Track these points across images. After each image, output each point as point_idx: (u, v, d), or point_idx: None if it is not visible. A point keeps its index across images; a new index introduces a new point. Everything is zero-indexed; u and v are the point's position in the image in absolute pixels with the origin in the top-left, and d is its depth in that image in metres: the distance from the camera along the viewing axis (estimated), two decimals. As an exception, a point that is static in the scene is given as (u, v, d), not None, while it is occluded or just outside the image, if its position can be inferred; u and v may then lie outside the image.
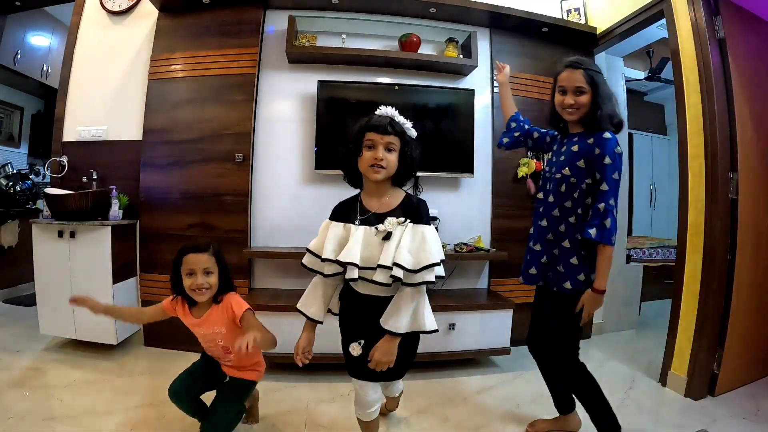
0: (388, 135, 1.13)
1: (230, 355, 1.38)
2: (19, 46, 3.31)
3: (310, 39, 2.44)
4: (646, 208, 4.34)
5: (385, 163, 1.13)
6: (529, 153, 2.60)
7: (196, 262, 1.30)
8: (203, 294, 1.31)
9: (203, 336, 1.39)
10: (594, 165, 1.32)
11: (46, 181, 2.94)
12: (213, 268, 1.32)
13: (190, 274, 1.30)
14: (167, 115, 2.36)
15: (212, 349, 1.41)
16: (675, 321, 2.02)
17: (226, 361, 1.42)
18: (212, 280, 1.32)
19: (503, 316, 2.21)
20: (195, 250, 1.32)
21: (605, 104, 1.34)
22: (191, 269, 1.30)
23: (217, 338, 1.36)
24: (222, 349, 1.38)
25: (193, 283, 1.30)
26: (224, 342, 1.36)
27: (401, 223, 1.12)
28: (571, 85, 1.36)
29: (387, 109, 1.19)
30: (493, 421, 1.71)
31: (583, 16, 2.72)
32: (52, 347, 2.25)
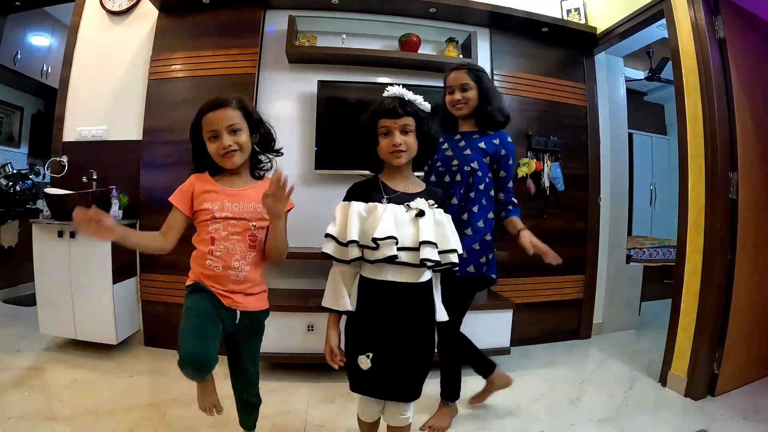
0: (401, 117, 1.09)
1: (254, 253, 1.12)
2: (19, 46, 3.32)
3: (310, 39, 2.44)
4: (646, 208, 4.34)
5: (404, 147, 1.09)
6: (529, 153, 2.60)
7: (217, 120, 1.06)
8: (232, 157, 1.08)
9: (228, 219, 1.08)
10: (499, 163, 1.53)
11: (46, 181, 2.94)
12: (241, 125, 1.09)
13: (213, 137, 1.07)
14: (167, 115, 2.35)
15: (230, 247, 1.08)
16: (675, 321, 2.03)
17: (240, 274, 1.10)
18: (242, 139, 1.09)
19: (503, 316, 2.21)
20: (214, 107, 1.08)
21: (493, 99, 1.51)
22: (214, 130, 1.07)
23: (251, 222, 1.10)
24: (248, 242, 1.10)
25: (219, 148, 1.07)
26: (256, 230, 1.11)
27: (431, 205, 1.10)
28: (457, 83, 1.50)
29: (395, 88, 1.13)
30: (493, 421, 1.70)
31: (583, 16, 2.72)
32: (52, 347, 2.25)
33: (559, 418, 1.74)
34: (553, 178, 2.60)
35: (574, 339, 2.72)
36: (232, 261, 1.09)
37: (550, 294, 2.66)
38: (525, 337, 2.55)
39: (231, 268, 1.09)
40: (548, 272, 2.65)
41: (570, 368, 2.28)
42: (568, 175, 2.64)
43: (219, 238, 1.08)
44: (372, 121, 1.12)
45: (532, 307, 2.59)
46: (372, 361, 1.05)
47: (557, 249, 2.92)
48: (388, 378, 1.06)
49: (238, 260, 1.09)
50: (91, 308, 2.14)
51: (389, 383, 1.06)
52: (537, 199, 2.61)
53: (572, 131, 2.71)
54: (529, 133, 2.60)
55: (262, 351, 2.00)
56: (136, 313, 2.37)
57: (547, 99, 2.67)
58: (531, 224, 2.60)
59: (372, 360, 1.05)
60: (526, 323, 2.54)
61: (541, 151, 2.61)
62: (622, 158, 2.95)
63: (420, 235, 1.04)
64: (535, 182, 2.57)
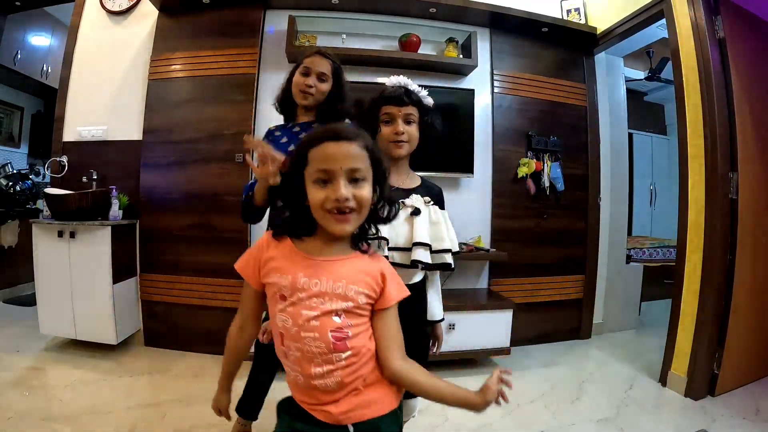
0: (406, 106, 1.04)
1: (345, 354, 0.70)
2: (19, 46, 3.31)
3: (310, 39, 2.44)
4: (646, 208, 4.34)
5: (406, 137, 1.04)
6: (529, 153, 2.60)
7: (337, 158, 0.70)
8: (347, 220, 0.70)
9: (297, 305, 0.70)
10: None
11: (46, 181, 2.94)
12: (366, 173, 0.72)
13: (323, 181, 0.70)
14: (167, 115, 2.36)
15: (304, 349, 0.70)
16: (675, 321, 2.03)
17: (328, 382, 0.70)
18: (363, 193, 0.71)
19: (503, 316, 2.20)
20: (335, 137, 0.71)
21: (345, 97, 1.39)
22: (328, 171, 0.69)
23: (340, 308, 0.71)
24: (333, 339, 0.69)
25: (328, 199, 0.69)
26: (346, 322, 0.71)
27: (427, 203, 1.04)
28: (316, 68, 1.35)
29: (399, 78, 1.08)
30: (493, 421, 1.70)
31: (583, 16, 2.72)
32: (52, 347, 2.25)
33: (559, 418, 1.74)
34: (553, 178, 2.60)
35: (574, 339, 2.72)
36: (312, 368, 0.70)
37: (550, 294, 2.66)
38: (525, 337, 2.55)
39: (313, 377, 0.70)
40: (548, 272, 2.67)
41: (570, 368, 2.28)
42: (568, 175, 2.64)
43: (288, 336, 0.71)
44: (375, 108, 1.06)
45: (532, 307, 2.59)
46: None
47: (557, 249, 2.95)
48: None
49: (320, 365, 0.70)
50: (91, 308, 2.14)
51: None
52: (537, 199, 2.61)
53: (572, 131, 2.71)
54: (529, 133, 2.60)
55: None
56: (136, 313, 2.37)
57: (547, 99, 2.67)
58: (531, 224, 2.65)
59: None
60: (526, 323, 2.54)
61: (541, 151, 2.61)
62: (622, 158, 2.95)
63: (414, 236, 0.99)
64: (535, 182, 2.57)
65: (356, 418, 0.72)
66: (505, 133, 2.58)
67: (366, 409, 0.72)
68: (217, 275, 2.25)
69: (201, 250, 2.30)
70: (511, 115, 2.61)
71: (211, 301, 2.28)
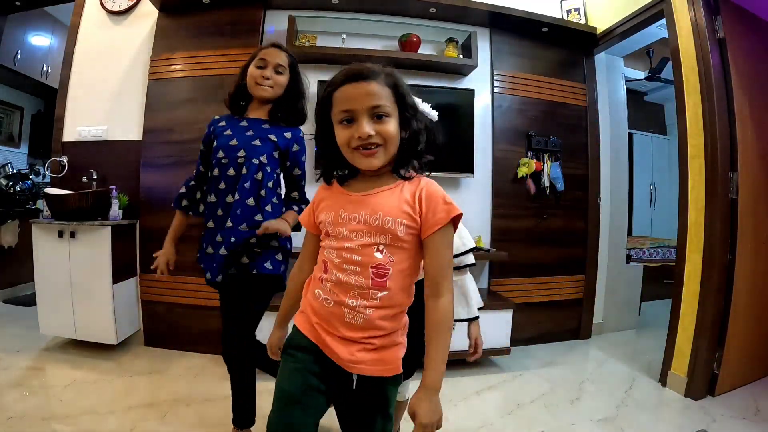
0: None
1: (382, 293, 0.73)
2: (19, 46, 3.31)
3: (310, 39, 2.44)
4: (646, 208, 4.34)
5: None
6: (529, 153, 2.60)
7: (357, 97, 0.72)
8: (372, 154, 0.73)
9: (342, 239, 0.75)
10: (291, 159, 1.37)
11: (46, 181, 2.94)
12: (390, 109, 0.74)
13: (347, 120, 0.74)
14: (167, 115, 2.35)
15: (344, 280, 0.74)
16: (675, 321, 2.03)
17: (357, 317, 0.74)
18: (389, 129, 0.73)
19: (503, 316, 2.21)
20: (354, 78, 0.73)
21: (298, 96, 1.38)
22: (348, 111, 0.73)
23: (380, 242, 0.73)
24: (372, 276, 0.72)
25: (352, 137, 0.73)
26: (388, 257, 0.73)
27: None
28: (274, 60, 1.32)
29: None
30: (493, 421, 1.70)
31: (583, 16, 2.72)
32: (52, 347, 2.25)
33: (559, 418, 1.74)
34: (553, 178, 2.60)
35: (574, 339, 2.72)
36: (347, 298, 0.74)
37: (550, 294, 2.66)
38: (525, 337, 2.55)
39: (345, 305, 0.74)
40: (548, 272, 2.67)
41: (570, 368, 2.28)
42: (568, 175, 2.64)
43: (332, 266, 0.75)
44: None
45: (532, 307, 2.59)
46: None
47: (557, 249, 2.95)
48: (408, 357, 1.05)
49: (356, 298, 0.73)
50: (91, 308, 2.14)
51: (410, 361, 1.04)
52: (537, 199, 2.61)
53: (572, 131, 2.71)
54: (529, 133, 2.60)
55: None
56: (136, 313, 2.37)
57: (547, 99, 2.67)
58: (531, 224, 2.65)
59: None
60: (526, 323, 2.54)
61: (541, 151, 2.61)
62: (622, 158, 2.95)
63: None
64: (535, 182, 2.57)
65: (363, 371, 0.75)
66: (505, 133, 2.59)
67: (373, 367, 0.75)
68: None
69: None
70: (511, 115, 2.61)
71: (211, 301, 2.27)
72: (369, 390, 0.77)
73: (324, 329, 0.77)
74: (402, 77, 0.78)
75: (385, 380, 0.77)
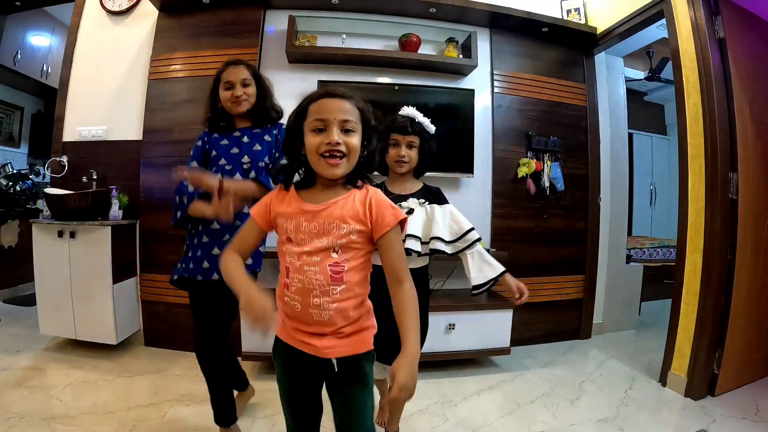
0: (409, 135, 1.32)
1: (340, 287, 0.84)
2: (19, 46, 3.31)
3: (310, 39, 2.44)
4: (646, 208, 4.34)
5: (407, 159, 1.33)
6: (529, 153, 2.60)
7: (331, 110, 0.83)
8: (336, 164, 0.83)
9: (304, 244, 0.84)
10: (278, 148, 1.45)
11: (46, 181, 2.94)
12: (356, 126, 0.85)
13: (319, 129, 0.83)
14: (167, 115, 2.36)
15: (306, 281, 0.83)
16: (675, 321, 2.03)
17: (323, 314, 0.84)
18: (353, 142, 0.84)
19: (503, 316, 2.21)
20: (332, 95, 0.85)
21: (268, 96, 1.50)
22: (323, 120, 0.83)
23: (336, 245, 0.83)
24: (330, 274, 0.83)
25: (321, 144, 0.82)
26: (342, 256, 0.84)
27: (422, 204, 1.33)
28: (238, 78, 1.43)
29: (409, 109, 1.35)
30: (493, 421, 1.70)
31: (583, 16, 2.72)
32: (52, 347, 2.25)
33: (559, 418, 1.74)
34: (553, 178, 2.60)
35: (574, 339, 2.73)
36: (311, 298, 0.83)
37: (550, 294, 2.66)
38: (525, 337, 2.55)
39: (311, 306, 0.84)
40: (548, 272, 2.67)
41: (570, 368, 2.28)
42: (568, 175, 2.64)
43: (293, 269, 0.85)
44: (385, 133, 1.30)
45: (532, 307, 2.59)
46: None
47: (557, 249, 2.95)
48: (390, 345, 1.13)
49: (318, 296, 0.83)
50: (91, 308, 2.14)
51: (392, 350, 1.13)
52: (537, 199, 2.61)
53: (572, 131, 2.71)
54: (529, 133, 2.60)
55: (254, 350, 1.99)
56: (136, 313, 2.37)
57: (547, 99, 2.67)
58: (531, 224, 2.65)
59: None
60: (526, 323, 2.54)
61: (541, 151, 2.61)
62: (622, 158, 2.95)
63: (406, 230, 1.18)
64: (535, 182, 2.57)
65: (338, 353, 0.87)
66: (505, 133, 2.59)
67: (347, 348, 0.87)
68: (217, 275, 2.25)
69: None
70: (511, 115, 2.61)
71: (211, 301, 2.27)
72: (348, 368, 0.88)
73: (298, 330, 0.87)
74: (370, 107, 0.90)
75: (360, 357, 0.89)
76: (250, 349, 1.96)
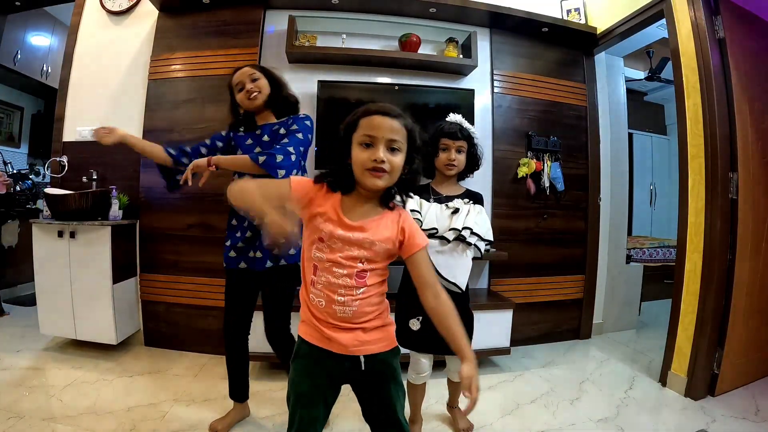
0: (459, 140, 1.44)
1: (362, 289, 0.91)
2: (19, 46, 3.31)
3: (310, 39, 2.44)
4: (646, 208, 4.34)
5: (456, 163, 1.45)
6: (529, 153, 2.60)
7: (380, 127, 0.87)
8: (379, 177, 0.87)
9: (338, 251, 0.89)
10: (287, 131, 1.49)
11: (46, 181, 2.94)
12: (402, 145, 0.90)
13: (367, 144, 0.87)
14: (167, 115, 2.36)
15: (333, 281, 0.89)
16: (675, 321, 2.03)
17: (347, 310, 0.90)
18: (397, 161, 0.89)
19: (503, 316, 2.20)
20: (383, 113, 0.89)
21: (282, 87, 1.54)
22: (372, 136, 0.87)
23: (365, 257, 0.90)
24: (357, 277, 0.90)
25: (369, 159, 0.86)
26: (368, 265, 0.91)
27: (466, 203, 1.45)
28: (245, 76, 1.48)
29: (456, 116, 1.49)
30: (493, 421, 1.70)
31: (583, 16, 2.72)
32: (52, 347, 2.25)
33: (559, 418, 1.74)
34: (553, 178, 2.60)
35: (574, 339, 2.73)
36: (336, 296, 0.90)
37: (550, 294, 2.66)
38: (525, 337, 2.55)
39: (335, 303, 0.90)
40: (548, 272, 2.67)
41: (570, 368, 2.28)
42: (568, 175, 2.64)
43: (321, 268, 0.91)
44: (435, 138, 1.45)
45: (532, 307, 2.59)
46: (421, 323, 1.38)
47: (557, 249, 2.95)
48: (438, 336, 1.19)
49: (342, 295, 0.90)
50: (91, 308, 2.14)
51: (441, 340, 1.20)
52: (537, 199, 2.61)
53: (572, 131, 2.71)
54: (529, 133, 2.60)
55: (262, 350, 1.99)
56: (136, 313, 2.37)
57: (547, 99, 2.67)
58: (531, 224, 2.65)
59: (421, 322, 1.38)
60: (526, 323, 2.54)
61: (541, 151, 2.61)
62: (622, 158, 2.95)
63: (451, 224, 1.40)
64: (535, 182, 2.57)
65: (366, 351, 0.92)
66: (505, 133, 2.59)
67: (372, 345, 0.93)
68: (217, 275, 2.25)
69: (201, 250, 2.30)
70: (511, 115, 2.61)
71: (211, 301, 2.28)
72: (376, 365, 0.94)
73: (327, 327, 0.91)
74: (417, 128, 0.94)
75: (387, 354, 0.95)
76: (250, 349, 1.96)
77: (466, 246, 1.42)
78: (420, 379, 1.51)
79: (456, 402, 1.65)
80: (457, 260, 1.42)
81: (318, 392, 0.94)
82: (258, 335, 1.58)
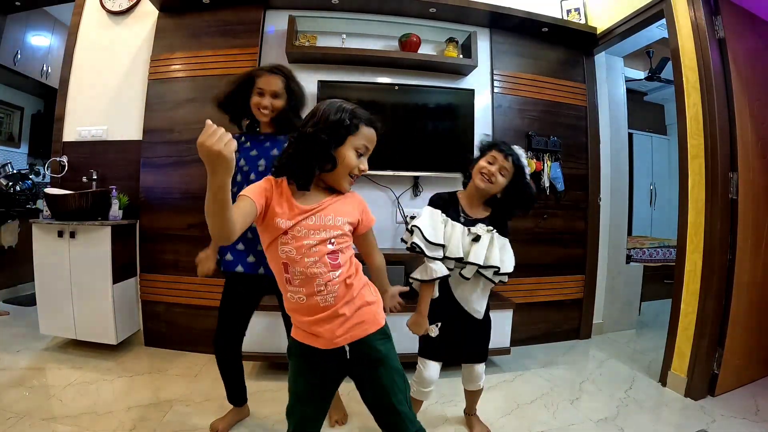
0: (508, 161, 1.35)
1: (339, 271, 0.92)
2: (19, 46, 3.31)
3: (310, 39, 2.44)
4: (646, 208, 4.33)
5: (492, 179, 1.35)
6: (529, 153, 2.60)
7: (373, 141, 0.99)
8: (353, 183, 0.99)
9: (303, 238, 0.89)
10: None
11: (46, 181, 2.94)
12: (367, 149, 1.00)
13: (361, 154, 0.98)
14: (167, 115, 2.36)
15: (308, 272, 0.89)
16: (675, 321, 2.03)
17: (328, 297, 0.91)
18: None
19: (503, 316, 2.20)
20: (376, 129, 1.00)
21: (300, 107, 1.50)
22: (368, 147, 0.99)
23: (332, 236, 0.92)
24: (330, 260, 0.91)
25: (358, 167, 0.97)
26: (338, 245, 0.93)
27: (489, 231, 1.35)
28: (270, 88, 1.43)
29: (519, 149, 1.40)
30: (493, 421, 1.70)
31: (583, 16, 2.72)
32: (52, 347, 2.25)
33: (559, 418, 1.74)
34: (553, 178, 2.60)
35: (574, 339, 2.73)
36: (315, 287, 0.90)
37: (550, 294, 2.66)
38: (525, 337, 2.55)
39: (315, 294, 0.90)
40: (548, 272, 2.67)
41: (570, 368, 2.28)
42: (568, 175, 2.64)
43: (293, 263, 0.90)
44: (488, 147, 1.39)
45: (532, 307, 2.59)
46: (440, 329, 1.37)
47: (557, 249, 2.95)
48: (456, 343, 1.24)
49: (321, 284, 0.90)
50: (91, 308, 2.14)
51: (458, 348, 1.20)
52: (537, 199, 2.60)
53: (572, 131, 2.71)
54: (529, 133, 2.60)
55: (260, 350, 2.00)
56: (136, 313, 2.37)
57: (547, 99, 2.67)
58: (531, 224, 2.65)
59: (440, 329, 1.37)
60: (526, 323, 2.54)
61: (541, 151, 2.61)
62: (622, 158, 2.95)
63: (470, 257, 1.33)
64: (535, 182, 2.57)
65: (350, 338, 0.93)
66: (505, 133, 2.58)
67: (356, 330, 0.93)
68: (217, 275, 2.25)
69: (201, 250, 2.29)
70: (511, 115, 2.61)
71: (211, 301, 2.27)
72: (362, 350, 0.95)
73: (311, 323, 0.92)
74: None
75: (372, 337, 0.95)
76: (249, 349, 1.96)
77: (486, 280, 1.38)
78: (424, 395, 1.47)
79: (473, 410, 1.64)
80: (474, 291, 1.41)
81: (313, 390, 0.96)
82: (256, 335, 1.58)
